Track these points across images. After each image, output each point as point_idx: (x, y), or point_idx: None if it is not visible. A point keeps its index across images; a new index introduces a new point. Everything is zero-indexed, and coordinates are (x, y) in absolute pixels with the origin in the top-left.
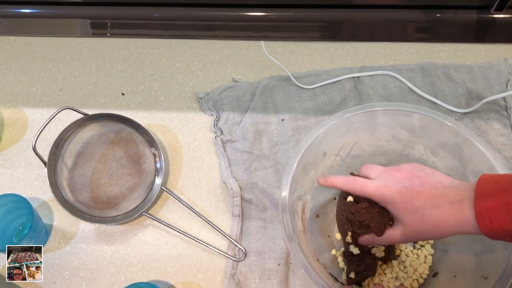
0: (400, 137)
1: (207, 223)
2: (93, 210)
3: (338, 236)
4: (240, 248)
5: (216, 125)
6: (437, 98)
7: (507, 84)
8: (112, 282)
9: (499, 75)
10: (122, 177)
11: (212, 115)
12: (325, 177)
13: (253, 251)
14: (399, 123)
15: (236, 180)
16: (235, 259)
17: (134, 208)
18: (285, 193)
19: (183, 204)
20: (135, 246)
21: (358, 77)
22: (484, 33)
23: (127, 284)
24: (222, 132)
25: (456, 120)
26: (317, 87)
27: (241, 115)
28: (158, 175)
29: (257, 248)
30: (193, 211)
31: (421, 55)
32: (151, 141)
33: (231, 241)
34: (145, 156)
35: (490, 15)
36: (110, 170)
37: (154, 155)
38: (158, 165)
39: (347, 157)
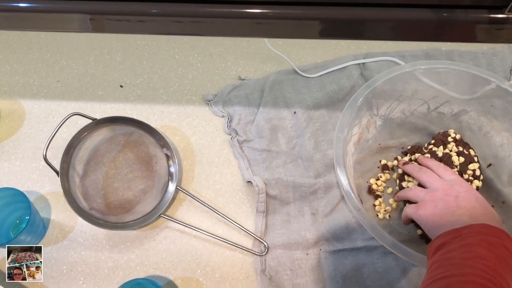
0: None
1: (226, 220)
2: (108, 216)
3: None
4: (261, 242)
5: (229, 126)
6: (441, 85)
7: (511, 71)
8: (110, 276)
9: (503, 61)
10: (134, 180)
11: (223, 116)
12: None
13: (279, 245)
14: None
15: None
16: (257, 253)
17: (152, 211)
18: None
19: (200, 203)
20: (133, 241)
21: (363, 63)
22: (496, 34)
23: (126, 279)
24: (237, 132)
25: (460, 106)
26: (323, 74)
27: (253, 113)
28: (171, 175)
29: (283, 241)
30: (213, 210)
31: (423, 48)
32: (160, 140)
33: (252, 236)
34: (157, 157)
35: (503, 15)
36: (122, 173)
37: (167, 156)
38: (171, 168)
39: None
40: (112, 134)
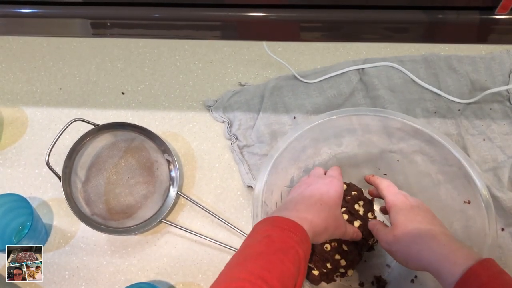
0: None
1: (227, 225)
2: (109, 221)
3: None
4: None
5: (230, 132)
6: (440, 89)
7: (509, 75)
8: (112, 281)
9: (501, 66)
10: (136, 185)
11: (224, 121)
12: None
13: None
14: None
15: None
16: None
17: (153, 216)
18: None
19: (201, 208)
20: (135, 246)
21: (363, 69)
22: (487, 34)
23: (127, 284)
24: (237, 138)
25: (459, 110)
26: (323, 80)
27: (253, 119)
28: (172, 181)
29: None
30: (214, 215)
31: (422, 54)
32: (162, 146)
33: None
34: (158, 163)
35: (493, 16)
36: (124, 178)
37: (168, 161)
38: (172, 173)
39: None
40: (114, 140)
